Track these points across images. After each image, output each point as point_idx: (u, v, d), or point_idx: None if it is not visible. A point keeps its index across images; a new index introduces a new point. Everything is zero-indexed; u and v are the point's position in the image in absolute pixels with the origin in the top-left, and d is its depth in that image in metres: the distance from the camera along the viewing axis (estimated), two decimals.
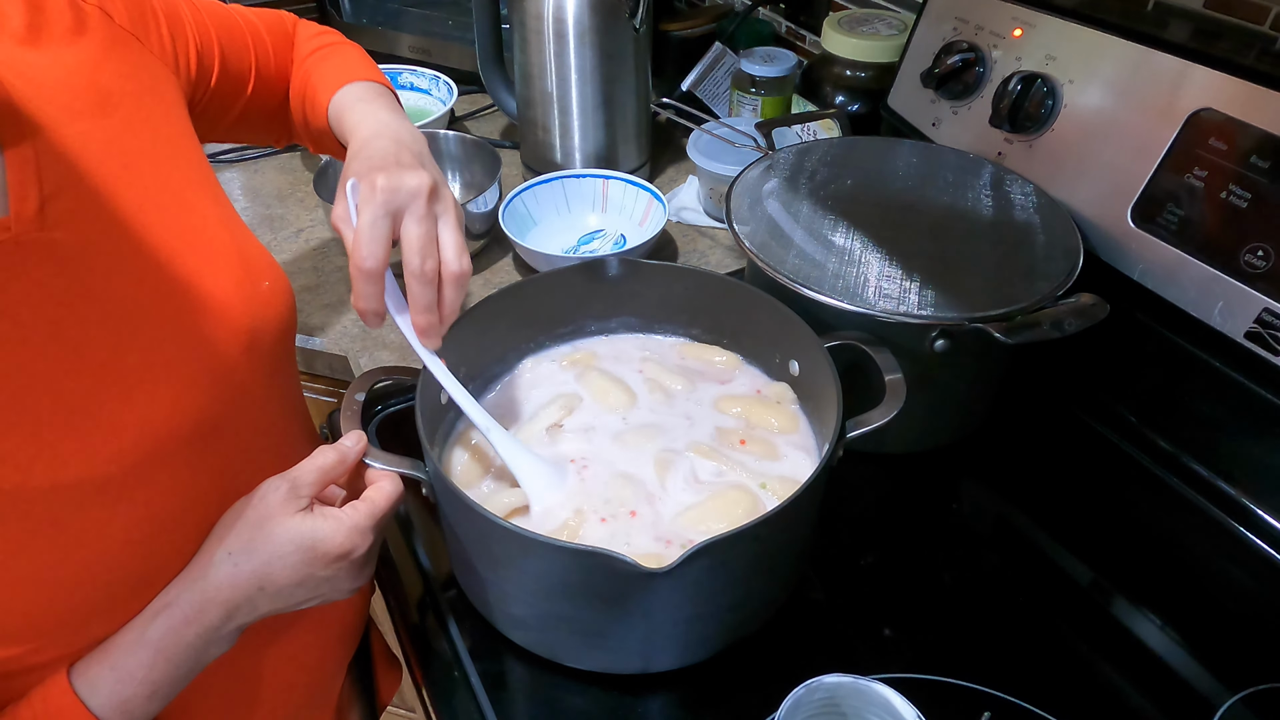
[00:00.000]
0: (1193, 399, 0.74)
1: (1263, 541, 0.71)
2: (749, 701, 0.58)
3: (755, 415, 0.68)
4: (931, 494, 0.76)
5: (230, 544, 0.50)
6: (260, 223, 1.09)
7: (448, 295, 0.57)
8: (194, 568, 0.51)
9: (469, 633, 0.64)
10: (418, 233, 0.56)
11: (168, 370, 0.50)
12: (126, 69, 0.54)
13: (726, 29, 1.25)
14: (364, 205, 0.55)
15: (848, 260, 0.72)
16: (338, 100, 0.68)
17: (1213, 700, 0.60)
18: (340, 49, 0.75)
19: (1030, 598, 0.67)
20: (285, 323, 0.59)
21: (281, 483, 0.52)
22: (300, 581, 0.52)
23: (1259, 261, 0.64)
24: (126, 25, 0.55)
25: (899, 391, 0.60)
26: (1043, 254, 0.72)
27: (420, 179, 0.56)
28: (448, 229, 0.57)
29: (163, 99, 0.57)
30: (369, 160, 0.58)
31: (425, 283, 0.56)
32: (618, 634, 0.57)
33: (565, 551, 0.52)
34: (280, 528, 0.51)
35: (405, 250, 0.56)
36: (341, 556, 0.52)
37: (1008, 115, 0.80)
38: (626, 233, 1.03)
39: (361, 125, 0.63)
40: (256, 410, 0.57)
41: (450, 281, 0.57)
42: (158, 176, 0.53)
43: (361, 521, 0.53)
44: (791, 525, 0.57)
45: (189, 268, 0.52)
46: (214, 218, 0.56)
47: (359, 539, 0.53)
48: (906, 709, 0.46)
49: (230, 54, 0.67)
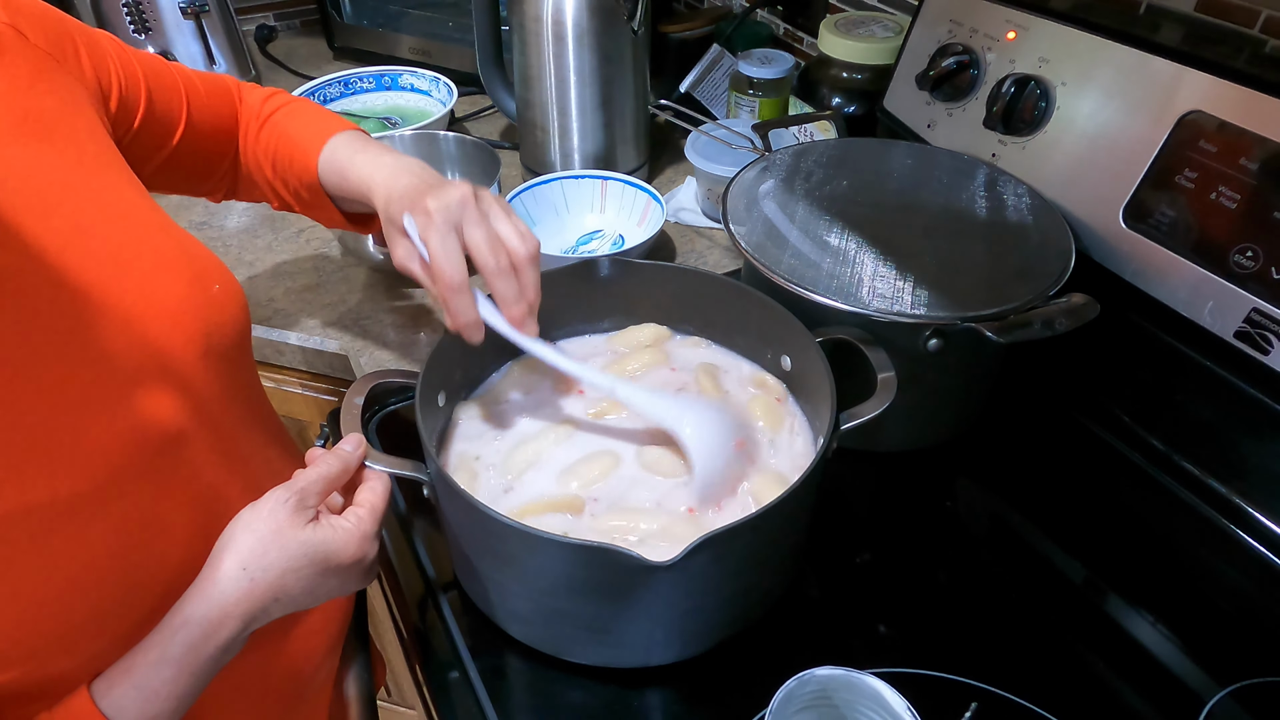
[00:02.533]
0: (1183, 398, 0.75)
1: (1252, 539, 0.71)
2: (745, 694, 0.59)
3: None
4: (925, 492, 0.77)
5: (245, 559, 0.50)
6: (262, 224, 1.10)
7: (528, 279, 0.61)
8: (207, 583, 0.50)
9: (469, 631, 0.65)
10: (481, 235, 0.59)
11: (125, 384, 0.50)
12: (45, 87, 0.53)
13: (725, 31, 1.26)
14: (428, 231, 0.58)
15: (843, 260, 0.72)
16: (329, 158, 0.68)
17: (1201, 695, 0.61)
18: (298, 106, 0.75)
19: (1022, 594, 0.68)
20: (240, 325, 0.59)
21: (288, 494, 0.52)
22: (313, 590, 0.53)
23: (1248, 262, 0.65)
24: (43, 45, 0.54)
25: (891, 388, 0.61)
26: (1035, 254, 0.73)
27: (460, 189, 0.59)
28: (502, 221, 0.60)
29: (86, 117, 0.56)
30: (407, 196, 0.60)
31: (506, 276, 0.59)
32: (619, 628, 0.58)
33: (570, 547, 0.52)
34: (293, 541, 0.51)
35: (477, 255, 0.59)
36: (355, 564, 0.54)
37: (1001, 117, 0.81)
38: (625, 233, 1.04)
39: (375, 174, 0.65)
40: (219, 415, 0.57)
41: (526, 266, 0.60)
42: (91, 190, 0.53)
43: (369, 529, 0.54)
44: (789, 518, 0.58)
45: (135, 279, 0.52)
46: (155, 225, 0.56)
47: (369, 546, 0.54)
48: (896, 701, 0.47)
49: (158, 98, 0.65)
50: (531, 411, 0.70)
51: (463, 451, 0.67)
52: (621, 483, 0.64)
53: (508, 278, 0.60)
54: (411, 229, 0.60)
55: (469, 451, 0.67)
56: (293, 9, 1.62)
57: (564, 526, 0.60)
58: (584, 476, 0.64)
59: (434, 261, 0.58)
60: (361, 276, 1.00)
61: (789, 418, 0.69)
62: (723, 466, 0.62)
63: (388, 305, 0.96)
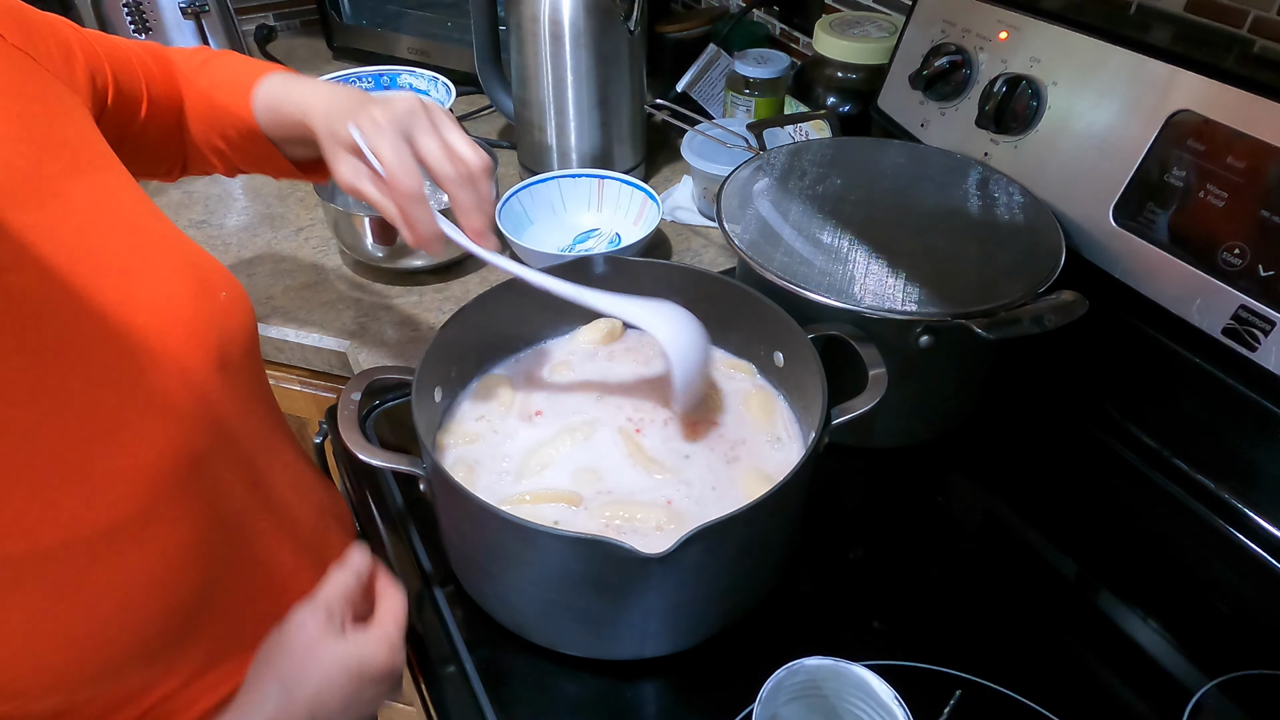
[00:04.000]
0: (1172, 394, 0.76)
1: (1240, 533, 0.72)
2: (737, 686, 0.60)
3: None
4: (916, 488, 0.78)
5: (283, 676, 0.51)
6: (261, 221, 1.10)
7: (485, 190, 0.59)
8: (248, 703, 0.50)
9: (464, 624, 0.65)
10: (434, 143, 0.57)
11: (148, 404, 0.48)
12: (32, 91, 0.51)
13: (721, 31, 1.27)
14: (378, 140, 0.56)
15: (836, 258, 0.73)
16: (263, 96, 0.65)
17: (1189, 686, 0.62)
18: (222, 57, 0.72)
19: (1011, 588, 0.69)
20: (249, 332, 0.58)
21: (316, 610, 0.52)
22: (348, 702, 0.52)
23: (1235, 259, 0.66)
24: (19, 44, 0.52)
25: (882, 383, 0.61)
26: (1026, 252, 0.73)
27: (407, 99, 0.57)
28: (453, 133, 0.59)
29: (74, 119, 0.54)
30: (348, 110, 0.58)
31: (464, 184, 0.58)
32: (613, 620, 0.58)
33: (565, 540, 0.53)
34: (328, 655, 0.51)
35: (433, 164, 0.57)
36: (388, 675, 0.54)
37: (993, 116, 0.82)
38: (621, 232, 1.05)
39: (310, 98, 0.62)
40: (238, 429, 0.56)
41: (482, 177, 0.58)
42: (91, 199, 0.51)
43: (396, 639, 0.55)
44: (781, 512, 0.59)
45: (146, 292, 0.50)
46: (159, 234, 0.54)
47: (399, 656, 0.55)
48: (884, 690, 0.48)
49: (121, 76, 0.63)
50: (528, 406, 0.71)
51: (458, 447, 0.68)
52: (616, 476, 0.64)
53: (467, 187, 0.58)
54: (359, 139, 0.56)
55: (464, 447, 0.68)
56: (292, 9, 1.63)
57: (560, 518, 0.61)
58: (580, 469, 0.65)
59: (388, 170, 0.55)
60: (360, 273, 1.01)
61: (780, 413, 0.70)
62: (699, 364, 0.64)
63: (385, 303, 0.97)
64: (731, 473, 0.65)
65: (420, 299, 0.97)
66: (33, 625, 0.43)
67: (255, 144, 0.68)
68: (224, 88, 0.68)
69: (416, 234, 0.58)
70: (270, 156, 0.69)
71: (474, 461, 0.66)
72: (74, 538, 0.43)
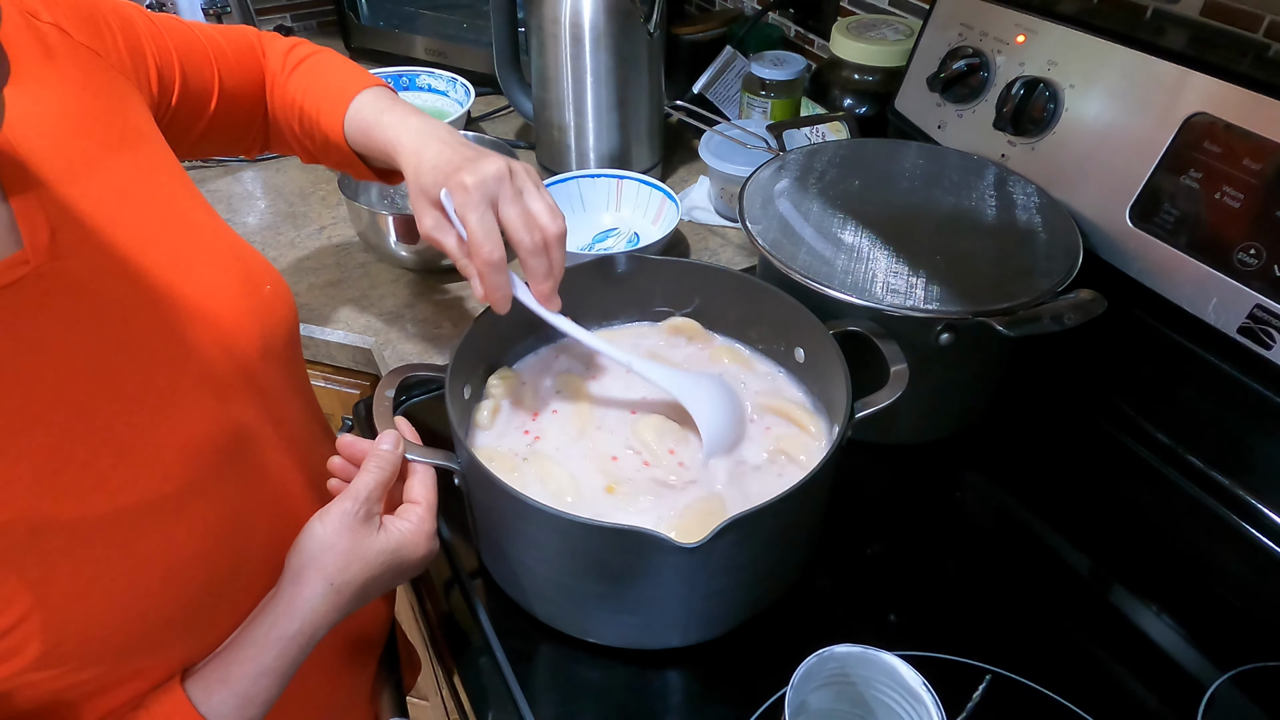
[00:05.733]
0: (1188, 392, 0.77)
1: (1255, 529, 0.73)
2: (760, 676, 0.61)
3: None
4: (935, 484, 0.79)
5: (330, 574, 0.53)
6: (283, 220, 1.12)
7: (556, 256, 0.62)
8: (297, 600, 0.52)
9: (494, 613, 0.67)
10: (517, 212, 0.60)
11: (196, 384, 0.51)
12: (95, 87, 0.53)
13: (737, 33, 1.28)
14: (466, 208, 0.59)
15: (856, 257, 0.74)
16: (355, 117, 0.68)
17: (1203, 679, 0.63)
18: (323, 58, 0.74)
19: (1029, 583, 0.70)
20: (290, 324, 0.61)
21: (355, 505, 0.54)
22: (388, 586, 0.57)
23: (1251, 260, 0.67)
24: (85, 41, 0.54)
25: (903, 379, 0.63)
26: (1044, 252, 0.75)
27: (496, 164, 0.60)
28: (535, 199, 0.61)
29: (133, 114, 0.56)
30: (440, 169, 0.61)
31: (539, 254, 0.61)
32: (644, 610, 0.60)
33: (601, 531, 0.54)
34: (370, 551, 0.54)
35: (512, 232, 0.60)
36: (425, 558, 0.58)
37: (1011, 118, 0.83)
38: (640, 231, 1.06)
39: (401, 137, 0.65)
40: (283, 412, 0.59)
41: (555, 244, 0.62)
42: (147, 193, 0.53)
43: (430, 526, 0.57)
44: (807, 503, 0.60)
45: (196, 282, 0.53)
46: (208, 229, 0.57)
47: (434, 541, 0.58)
48: (913, 677, 0.49)
49: (191, 71, 0.65)
50: (558, 400, 0.72)
51: (489, 441, 0.69)
52: (647, 467, 0.66)
53: (540, 256, 0.61)
54: (449, 204, 0.60)
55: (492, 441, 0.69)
56: (310, 10, 1.65)
57: (592, 510, 0.62)
58: (610, 462, 0.66)
59: (473, 239, 0.59)
60: (383, 271, 1.02)
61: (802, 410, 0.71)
62: (725, 433, 0.66)
63: (410, 300, 0.98)
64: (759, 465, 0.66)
65: (444, 297, 0.98)
66: (81, 591, 0.44)
67: (342, 155, 0.71)
68: (315, 97, 0.71)
69: (491, 296, 0.61)
70: (353, 163, 0.72)
71: (507, 454, 0.67)
72: (123, 508, 0.46)
